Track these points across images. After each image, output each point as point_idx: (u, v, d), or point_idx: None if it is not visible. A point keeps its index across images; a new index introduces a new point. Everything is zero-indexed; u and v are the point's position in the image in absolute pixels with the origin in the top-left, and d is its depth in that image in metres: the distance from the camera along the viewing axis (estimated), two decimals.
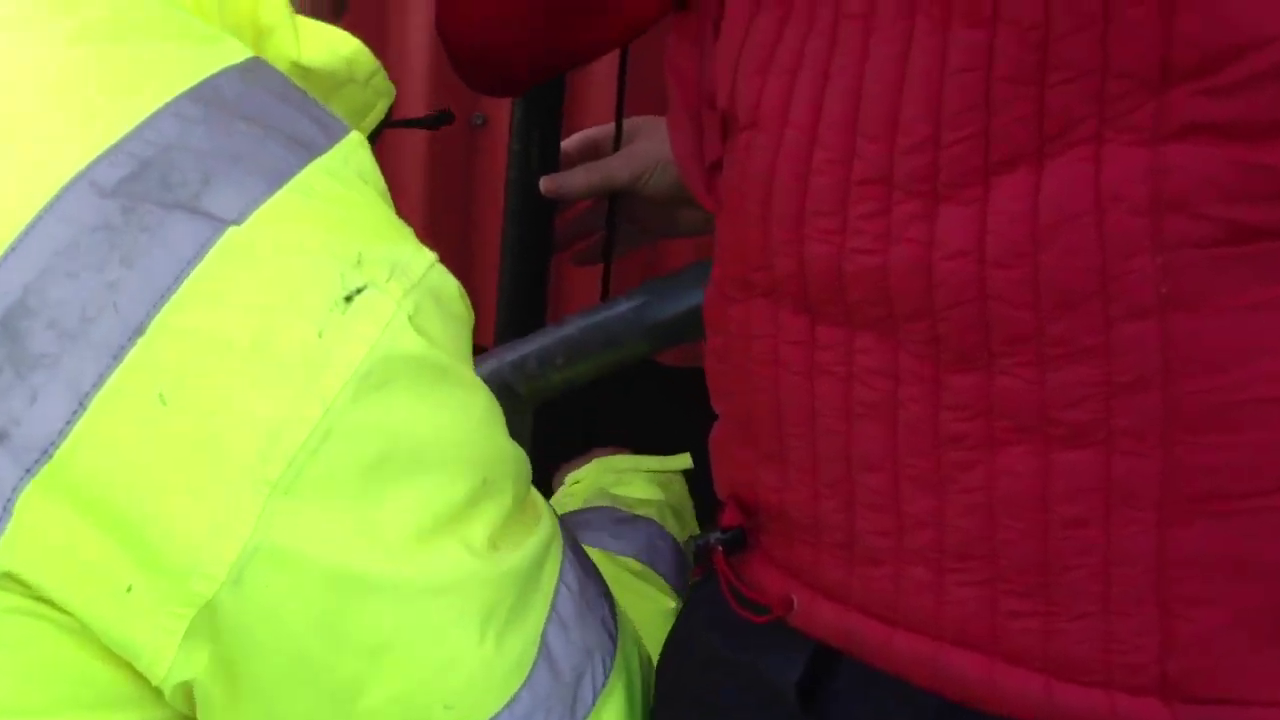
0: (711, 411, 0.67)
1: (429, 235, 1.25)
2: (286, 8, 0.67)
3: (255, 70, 0.61)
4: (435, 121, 1.04)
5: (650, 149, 1.06)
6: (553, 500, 1.02)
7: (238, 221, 0.51)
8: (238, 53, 0.61)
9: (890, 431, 0.54)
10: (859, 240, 0.53)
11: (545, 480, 1.06)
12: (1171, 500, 0.49)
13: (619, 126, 1.09)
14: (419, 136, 1.43)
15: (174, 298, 0.50)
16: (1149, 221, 0.47)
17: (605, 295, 1.13)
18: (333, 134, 0.59)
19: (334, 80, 0.69)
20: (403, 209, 0.63)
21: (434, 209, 1.44)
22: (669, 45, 0.68)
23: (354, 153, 0.59)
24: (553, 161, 1.10)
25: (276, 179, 0.54)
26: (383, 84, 0.72)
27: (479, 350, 0.71)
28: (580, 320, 1.03)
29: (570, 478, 1.04)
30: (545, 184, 1.07)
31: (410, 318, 0.54)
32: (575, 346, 1.02)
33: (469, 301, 0.60)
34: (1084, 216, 0.48)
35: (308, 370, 0.51)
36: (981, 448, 0.51)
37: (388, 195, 0.61)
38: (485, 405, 0.59)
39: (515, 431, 0.64)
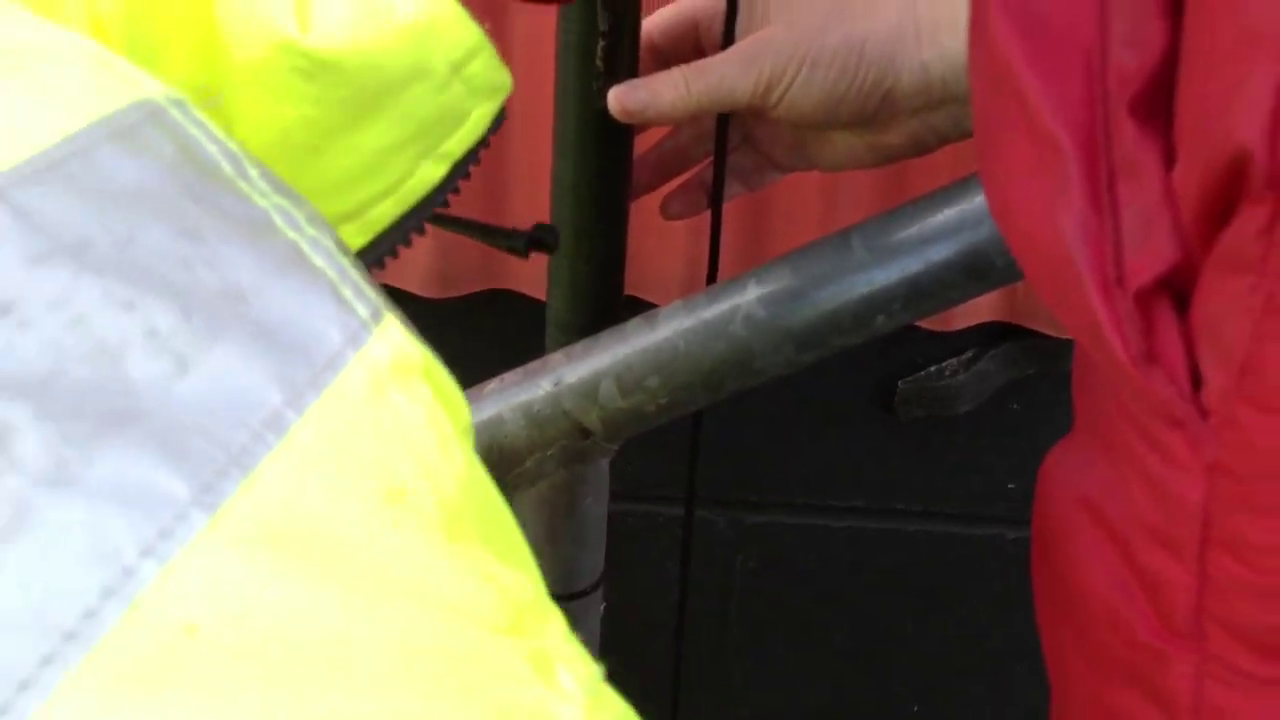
0: None
1: None
2: None
3: (157, 136, 0.31)
4: None
5: (786, 41, 0.70)
6: None
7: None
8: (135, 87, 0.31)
9: None
10: None
11: None
12: None
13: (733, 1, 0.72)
14: None
15: None
16: None
17: (714, 274, 0.78)
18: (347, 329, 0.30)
19: (382, 79, 0.45)
20: None
21: None
22: None
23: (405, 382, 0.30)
24: (628, 61, 0.73)
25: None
26: (486, 75, 0.48)
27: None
28: (681, 315, 0.72)
29: None
30: (619, 100, 0.71)
31: None
32: (676, 357, 0.72)
33: None
34: None
35: None
36: None
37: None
38: None
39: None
